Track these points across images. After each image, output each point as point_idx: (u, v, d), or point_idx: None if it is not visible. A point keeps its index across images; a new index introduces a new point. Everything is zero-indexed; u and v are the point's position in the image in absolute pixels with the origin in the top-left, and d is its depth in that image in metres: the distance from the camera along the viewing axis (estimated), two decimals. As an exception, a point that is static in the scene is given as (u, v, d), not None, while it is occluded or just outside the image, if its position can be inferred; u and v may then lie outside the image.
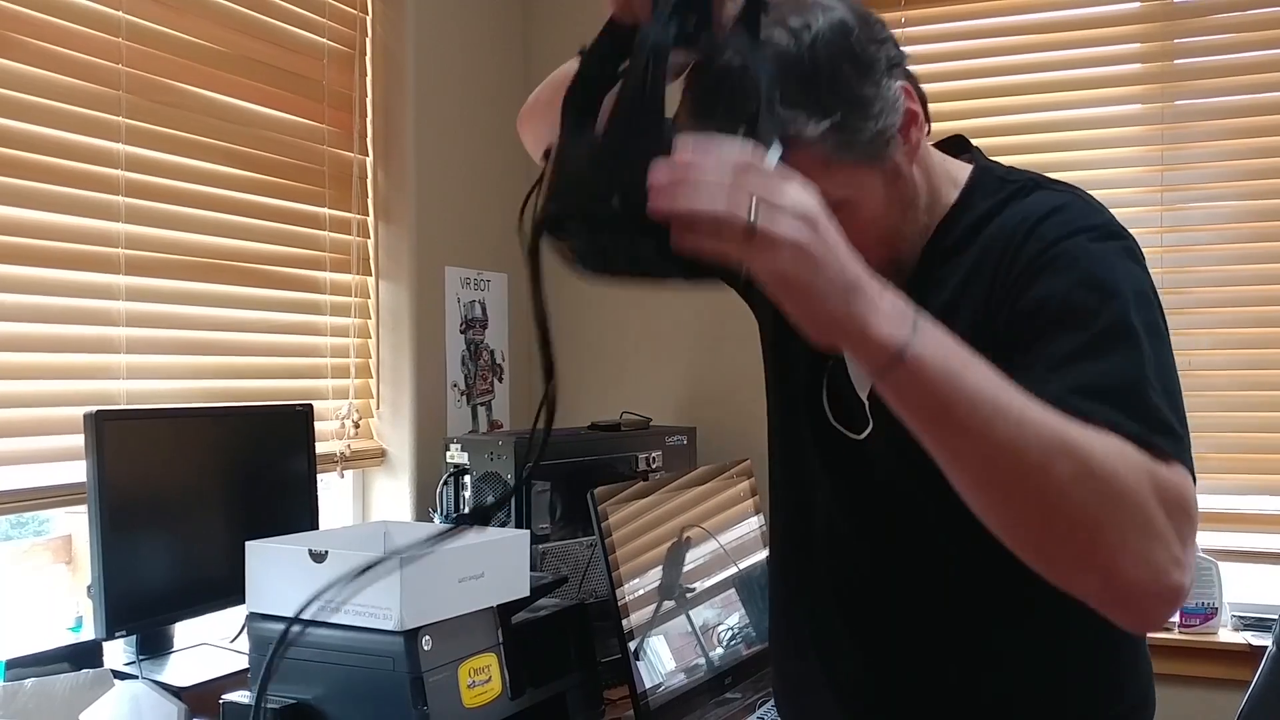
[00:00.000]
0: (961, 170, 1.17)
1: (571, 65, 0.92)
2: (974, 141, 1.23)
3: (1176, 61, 2.60)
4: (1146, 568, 0.85)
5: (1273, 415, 2.50)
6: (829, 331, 0.81)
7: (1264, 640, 2.19)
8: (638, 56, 0.81)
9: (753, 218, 0.74)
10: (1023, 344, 0.99)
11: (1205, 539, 2.42)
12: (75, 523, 2.02)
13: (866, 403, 1.17)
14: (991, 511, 0.87)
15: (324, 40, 2.49)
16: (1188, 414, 0.99)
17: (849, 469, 1.20)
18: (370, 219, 2.63)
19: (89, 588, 1.76)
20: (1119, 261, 1.02)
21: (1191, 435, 0.97)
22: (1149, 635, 1.23)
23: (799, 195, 0.77)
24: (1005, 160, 1.23)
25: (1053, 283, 1.00)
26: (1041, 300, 1.00)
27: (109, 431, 1.76)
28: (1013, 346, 0.98)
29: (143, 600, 1.81)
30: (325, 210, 2.49)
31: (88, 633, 1.85)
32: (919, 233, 1.13)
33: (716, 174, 0.74)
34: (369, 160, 2.63)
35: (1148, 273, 1.05)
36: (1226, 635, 2.37)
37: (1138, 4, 2.64)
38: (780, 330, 1.27)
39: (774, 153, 0.82)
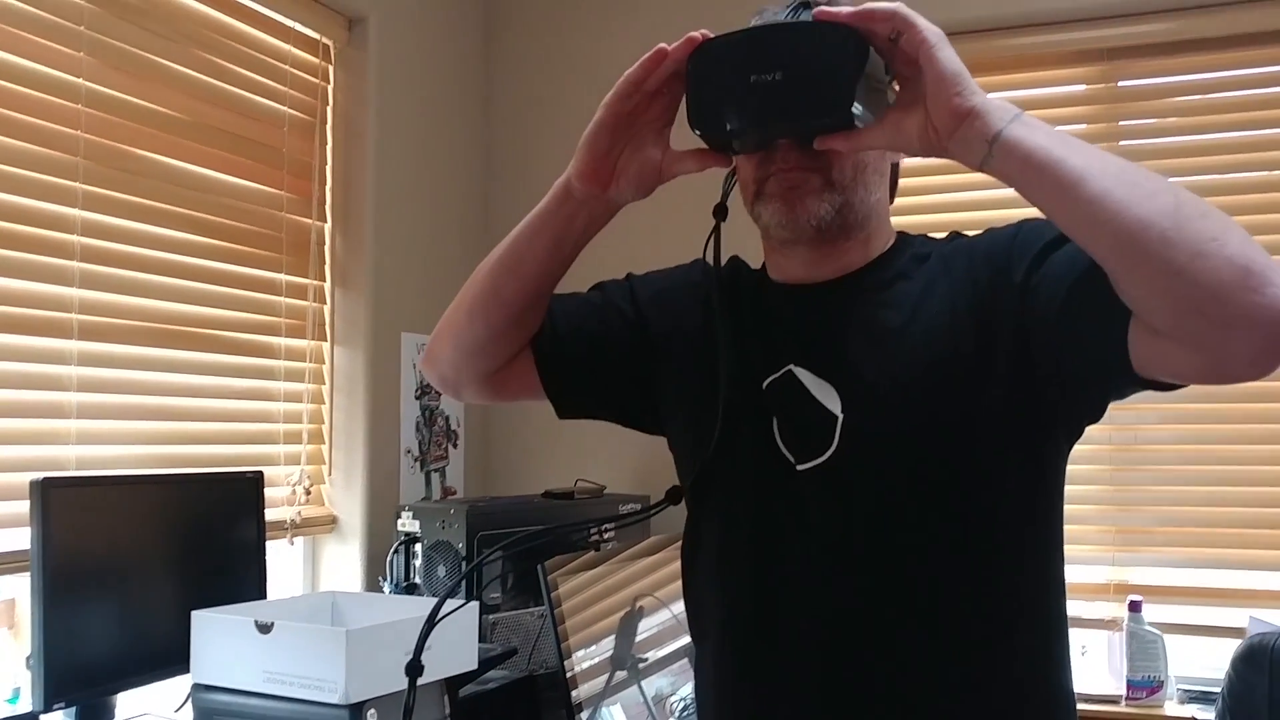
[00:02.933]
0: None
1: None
2: (924, 218, 1.31)
3: (1121, 143, 2.68)
4: (1265, 260, 0.91)
5: (1217, 489, 2.54)
6: (965, 90, 1.00)
7: (1209, 714, 2.22)
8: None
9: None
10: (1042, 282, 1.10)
11: (1151, 612, 2.45)
12: (20, 585, 1.99)
13: (841, 416, 1.17)
14: (1118, 226, 0.94)
15: (285, 108, 2.51)
16: (1132, 488, 1.03)
17: (812, 500, 1.19)
18: (327, 285, 2.64)
19: (28, 658, 1.73)
20: None
21: (1136, 509, 1.01)
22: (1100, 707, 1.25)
23: None
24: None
25: (1034, 236, 1.14)
26: (1039, 251, 1.12)
27: (55, 499, 1.74)
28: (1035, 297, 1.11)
29: (84, 670, 1.79)
30: (282, 276, 2.50)
31: (25, 704, 1.82)
32: (865, 216, 1.22)
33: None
34: (327, 226, 2.64)
35: None
36: (1172, 709, 2.39)
37: (1084, 87, 2.72)
38: (710, 380, 1.25)
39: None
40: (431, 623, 1.09)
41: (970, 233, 1.25)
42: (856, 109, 1.06)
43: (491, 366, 1.33)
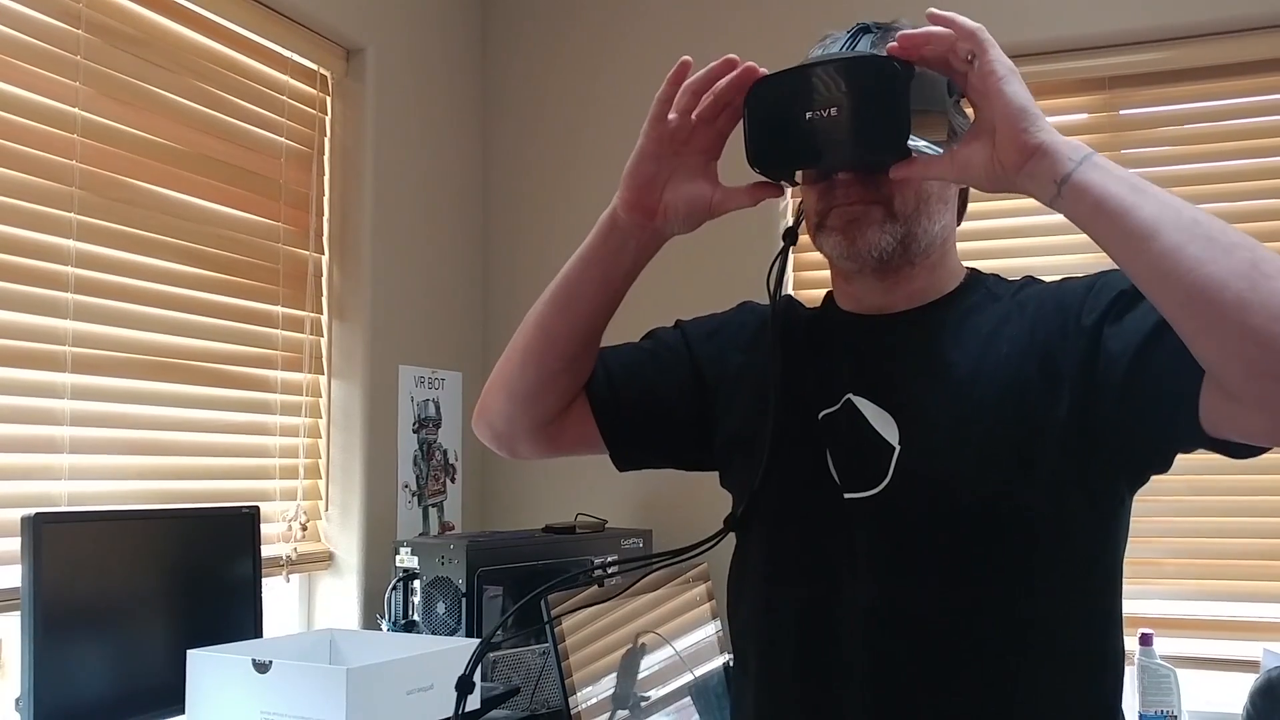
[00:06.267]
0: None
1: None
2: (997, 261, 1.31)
3: (1124, 171, 2.67)
4: None
5: (1228, 520, 2.51)
6: (1032, 126, 0.99)
7: (1225, 750, 2.17)
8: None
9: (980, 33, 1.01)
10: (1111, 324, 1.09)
11: (1163, 646, 2.40)
12: (9, 624, 1.95)
13: (898, 449, 1.15)
14: (1186, 279, 0.91)
15: (282, 139, 2.49)
16: (1141, 519, 1.01)
17: (860, 532, 1.16)
18: (324, 317, 2.61)
19: (17, 700, 1.69)
20: None
21: (1145, 541, 0.99)
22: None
23: None
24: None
25: (1110, 287, 1.13)
26: (1113, 299, 1.12)
27: (47, 535, 1.70)
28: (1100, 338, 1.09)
29: (76, 712, 1.74)
30: (279, 308, 2.47)
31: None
32: (929, 244, 1.20)
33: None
34: (325, 258, 2.62)
35: None
36: (1186, 744, 2.35)
37: (1085, 116, 2.72)
38: (762, 413, 1.22)
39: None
40: (488, 644, 1.12)
41: (1047, 278, 1.25)
42: (916, 141, 1.06)
43: (546, 415, 1.29)
